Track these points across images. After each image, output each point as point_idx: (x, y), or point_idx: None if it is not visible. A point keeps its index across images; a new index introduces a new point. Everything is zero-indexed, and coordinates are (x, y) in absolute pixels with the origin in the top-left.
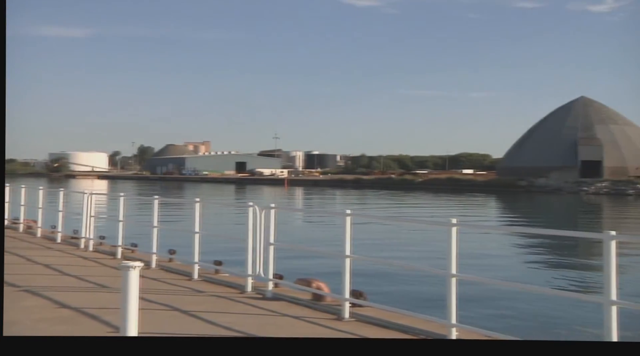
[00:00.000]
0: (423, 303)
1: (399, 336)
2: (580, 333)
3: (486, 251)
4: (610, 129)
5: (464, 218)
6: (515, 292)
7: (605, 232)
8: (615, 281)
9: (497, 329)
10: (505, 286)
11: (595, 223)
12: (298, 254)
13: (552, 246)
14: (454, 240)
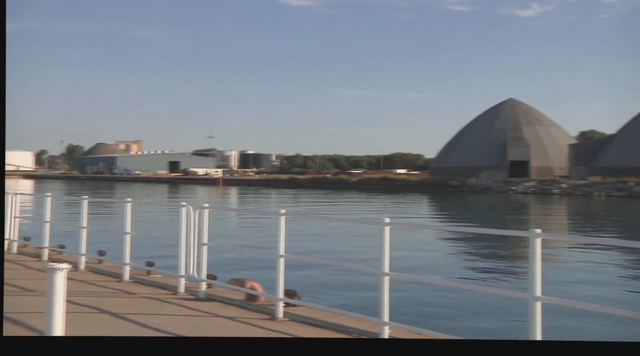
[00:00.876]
0: (357, 302)
1: (332, 335)
2: (506, 329)
3: (419, 249)
4: (537, 130)
5: (397, 217)
6: (447, 290)
7: (531, 230)
8: (540, 278)
9: (429, 326)
10: (436, 284)
11: (522, 221)
12: (232, 254)
13: (482, 244)
14: (387, 239)
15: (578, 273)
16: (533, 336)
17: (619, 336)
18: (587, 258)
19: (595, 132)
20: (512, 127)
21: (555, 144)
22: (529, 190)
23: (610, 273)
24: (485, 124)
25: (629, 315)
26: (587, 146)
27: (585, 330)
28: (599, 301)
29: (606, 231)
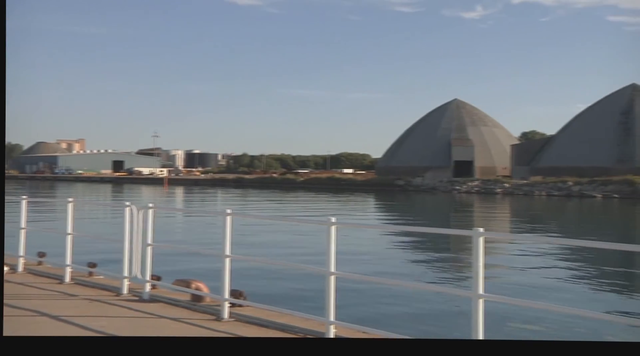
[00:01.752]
0: (303, 302)
1: (278, 335)
2: (450, 326)
3: (365, 249)
4: (481, 131)
5: (343, 216)
6: (392, 288)
7: (474, 229)
8: (482, 276)
9: (374, 325)
10: (382, 283)
11: (466, 220)
12: (177, 254)
13: (427, 244)
14: (333, 238)
15: (520, 270)
16: (476, 334)
17: (558, 334)
18: (528, 256)
19: (536, 133)
20: (456, 128)
21: (499, 145)
22: (473, 190)
23: (552, 270)
24: (430, 125)
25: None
26: (529, 146)
27: (527, 326)
28: (540, 298)
29: (546, 230)
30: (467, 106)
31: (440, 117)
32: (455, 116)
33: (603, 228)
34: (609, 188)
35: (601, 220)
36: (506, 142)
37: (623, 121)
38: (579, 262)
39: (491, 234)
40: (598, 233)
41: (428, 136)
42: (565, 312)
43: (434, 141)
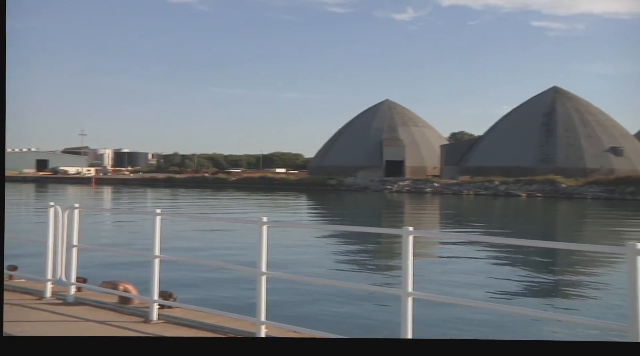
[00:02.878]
0: (234, 302)
1: (208, 335)
2: (380, 324)
3: (296, 248)
4: (412, 131)
5: (275, 216)
6: (323, 287)
7: (404, 228)
8: (411, 274)
9: (305, 325)
10: (313, 282)
11: (397, 219)
12: (105, 256)
13: (358, 243)
14: (264, 238)
15: (449, 268)
16: (405, 332)
17: (486, 331)
18: (457, 254)
19: (465, 133)
20: (388, 128)
21: (429, 145)
22: (403, 189)
23: (479, 267)
24: (362, 125)
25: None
26: (458, 146)
27: (456, 323)
28: (470, 295)
29: (474, 228)
30: (398, 106)
31: (371, 117)
32: (386, 117)
33: (527, 225)
34: (533, 187)
35: (525, 218)
36: (436, 142)
37: (546, 122)
38: (505, 259)
39: (420, 232)
40: (522, 230)
41: (360, 136)
42: (493, 309)
43: (366, 141)
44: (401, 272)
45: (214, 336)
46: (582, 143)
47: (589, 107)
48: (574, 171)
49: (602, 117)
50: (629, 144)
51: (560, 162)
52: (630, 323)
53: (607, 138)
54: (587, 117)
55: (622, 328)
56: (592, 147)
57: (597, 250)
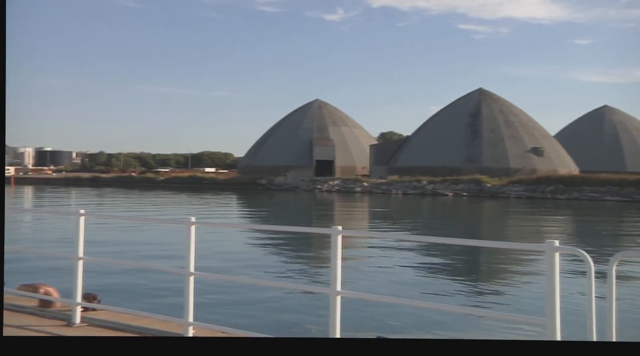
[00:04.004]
0: (162, 303)
1: None
2: (309, 323)
3: (226, 248)
4: (342, 131)
5: (204, 215)
6: (252, 288)
7: (333, 227)
8: (340, 273)
9: (234, 325)
10: (242, 282)
11: (327, 218)
12: (25, 259)
13: (288, 242)
14: (193, 238)
15: (377, 266)
16: (333, 330)
17: (414, 328)
18: (385, 253)
19: (394, 133)
20: (318, 128)
21: (358, 145)
22: (333, 188)
23: (407, 265)
24: (292, 124)
25: (424, 305)
26: (387, 146)
27: (384, 322)
28: (397, 293)
29: (402, 227)
30: (328, 106)
31: (302, 117)
32: (316, 116)
33: (453, 224)
34: (459, 186)
35: (451, 217)
36: (366, 142)
37: (471, 123)
38: (431, 257)
39: (349, 232)
40: (449, 229)
41: (290, 136)
42: (420, 307)
43: (296, 140)
44: (330, 271)
45: (137, 336)
46: (506, 144)
47: (512, 109)
48: (498, 170)
49: (525, 119)
50: (549, 144)
51: (486, 162)
52: (547, 317)
53: (529, 139)
54: (511, 118)
55: (540, 323)
56: (515, 148)
57: (518, 248)
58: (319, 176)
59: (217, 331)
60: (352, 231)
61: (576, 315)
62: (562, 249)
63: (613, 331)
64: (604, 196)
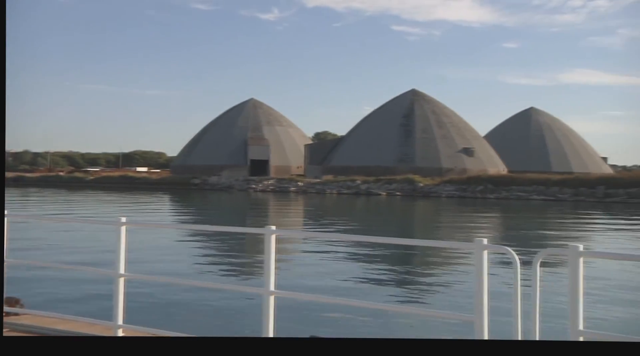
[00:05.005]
0: (91, 306)
1: None
2: (241, 323)
3: (157, 249)
4: (276, 131)
5: (135, 216)
6: (186, 289)
7: (267, 227)
8: (273, 272)
9: (166, 327)
10: (174, 283)
11: (261, 218)
12: None
13: (222, 242)
14: (123, 239)
15: (311, 266)
16: (267, 331)
17: (347, 328)
18: (319, 252)
19: (328, 133)
20: (252, 127)
21: (293, 144)
22: (268, 188)
23: (341, 265)
24: (227, 124)
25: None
26: (321, 146)
27: (318, 321)
28: (331, 292)
29: (337, 226)
30: (263, 105)
31: (236, 116)
32: (251, 116)
33: (386, 223)
34: (393, 186)
35: (385, 216)
36: (300, 142)
37: (404, 123)
38: (365, 256)
39: (283, 231)
40: (382, 228)
41: (224, 135)
42: (354, 305)
43: (230, 140)
44: (263, 271)
45: (64, 336)
46: (437, 144)
47: (444, 110)
48: (431, 170)
49: (456, 119)
50: (479, 145)
51: (418, 162)
52: (475, 314)
53: (460, 139)
54: (443, 119)
55: (468, 320)
56: (446, 148)
57: (448, 246)
58: (254, 176)
59: (147, 333)
60: (286, 230)
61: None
62: (490, 247)
63: (537, 329)
64: (530, 195)
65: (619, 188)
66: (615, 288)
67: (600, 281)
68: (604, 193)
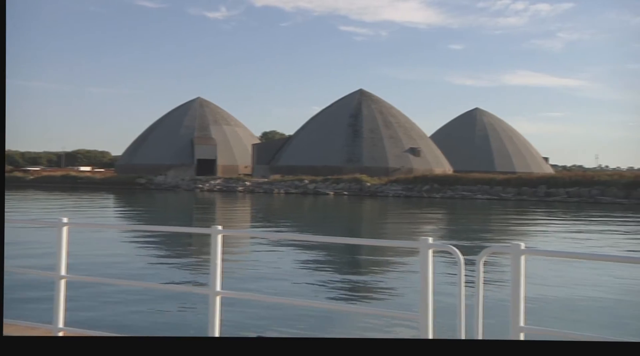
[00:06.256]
0: (29, 310)
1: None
2: (186, 323)
3: (101, 250)
4: (224, 130)
5: (78, 216)
6: (131, 290)
7: (213, 227)
8: (220, 273)
9: (109, 329)
10: (118, 284)
11: (208, 218)
12: None
13: (167, 242)
14: (65, 240)
15: (259, 266)
16: (212, 331)
17: (294, 328)
18: (267, 252)
19: (276, 132)
20: (199, 126)
21: (241, 144)
22: (215, 188)
23: (289, 264)
24: (173, 123)
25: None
26: (269, 146)
27: (263, 321)
28: (278, 292)
29: (284, 226)
30: (210, 104)
31: (183, 115)
32: (198, 115)
33: (333, 223)
34: (340, 185)
35: (332, 216)
36: (248, 141)
37: (352, 123)
38: (312, 255)
39: (229, 231)
40: (329, 228)
41: (171, 134)
42: (300, 305)
43: (177, 139)
44: (210, 271)
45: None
46: (385, 144)
47: (391, 110)
48: (378, 170)
49: (403, 120)
50: (425, 145)
51: (366, 161)
52: (420, 312)
53: (407, 139)
54: (390, 119)
55: (413, 318)
56: (393, 148)
57: (394, 245)
58: (201, 176)
59: (88, 335)
60: (233, 230)
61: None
62: (435, 246)
63: (480, 326)
64: (475, 194)
65: (559, 188)
66: (555, 285)
67: (542, 278)
68: (545, 192)
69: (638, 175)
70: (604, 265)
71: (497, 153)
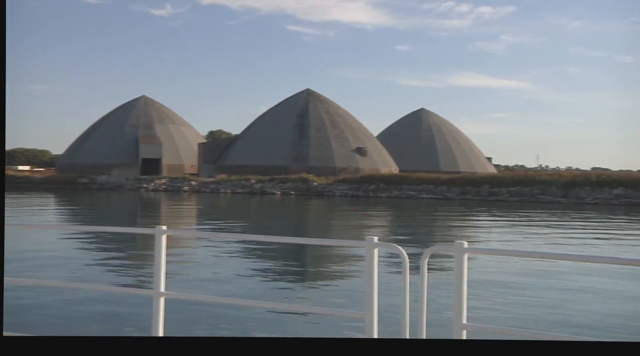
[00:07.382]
0: None
1: None
2: (133, 325)
3: (40, 251)
4: (169, 129)
5: (17, 217)
6: (72, 291)
7: (157, 227)
8: (164, 273)
9: (52, 331)
10: (58, 286)
11: (152, 218)
12: None
13: (109, 243)
14: (3, 242)
15: (203, 266)
16: (156, 331)
17: (238, 328)
18: (212, 251)
19: (223, 132)
20: (144, 125)
21: (187, 143)
22: (160, 187)
23: (234, 264)
24: (117, 121)
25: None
26: (215, 145)
27: (209, 321)
28: (223, 292)
29: (230, 226)
30: (155, 103)
31: (127, 114)
32: (142, 114)
33: (280, 222)
34: (287, 185)
35: (279, 215)
36: (194, 140)
37: (299, 123)
38: (258, 255)
39: (173, 231)
40: (276, 227)
41: (114, 133)
42: (246, 305)
43: (121, 138)
44: (153, 272)
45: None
46: (331, 143)
47: (338, 110)
48: (325, 170)
49: (350, 120)
50: (372, 145)
51: (312, 161)
52: (365, 311)
53: (354, 139)
54: (337, 119)
55: (358, 316)
56: (340, 148)
57: (341, 244)
58: (145, 175)
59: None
60: (177, 230)
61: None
62: (380, 245)
63: (424, 324)
64: (420, 194)
65: (501, 187)
66: (497, 282)
67: (484, 275)
68: (488, 192)
69: (576, 175)
70: (544, 262)
71: (442, 153)
